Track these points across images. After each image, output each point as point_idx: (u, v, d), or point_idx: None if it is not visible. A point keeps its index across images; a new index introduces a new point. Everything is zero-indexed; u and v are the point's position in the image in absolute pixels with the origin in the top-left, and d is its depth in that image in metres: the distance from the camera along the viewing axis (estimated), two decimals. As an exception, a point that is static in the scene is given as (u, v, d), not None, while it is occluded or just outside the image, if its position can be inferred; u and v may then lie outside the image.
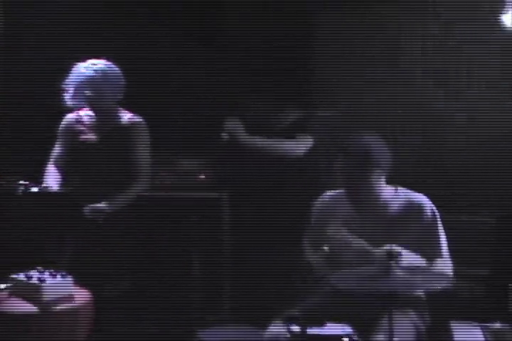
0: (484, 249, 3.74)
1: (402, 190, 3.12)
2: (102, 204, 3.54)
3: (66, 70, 3.67)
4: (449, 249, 3.01)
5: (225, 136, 3.77)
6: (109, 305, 3.54)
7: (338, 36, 4.46)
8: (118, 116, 3.76)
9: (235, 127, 3.83)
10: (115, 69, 3.70)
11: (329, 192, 3.25)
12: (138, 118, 3.76)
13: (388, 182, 3.10)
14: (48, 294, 2.96)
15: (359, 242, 2.97)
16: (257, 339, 2.91)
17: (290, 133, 3.85)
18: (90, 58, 3.70)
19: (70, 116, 3.80)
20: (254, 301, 3.69)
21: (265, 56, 4.12)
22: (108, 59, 3.71)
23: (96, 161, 3.67)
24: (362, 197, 3.06)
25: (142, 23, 4.52)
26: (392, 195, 3.09)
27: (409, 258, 2.83)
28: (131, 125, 3.73)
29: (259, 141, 3.82)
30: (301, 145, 3.85)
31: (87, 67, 3.67)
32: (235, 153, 3.82)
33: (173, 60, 4.45)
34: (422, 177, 3.99)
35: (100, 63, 3.69)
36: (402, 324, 2.78)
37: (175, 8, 4.56)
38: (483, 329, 2.80)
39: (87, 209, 3.52)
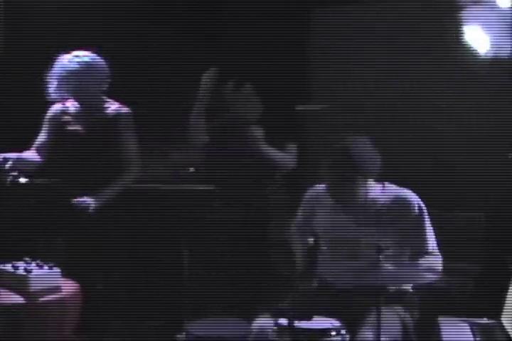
0: (474, 244, 3.74)
1: (389, 185, 3.09)
2: (89, 198, 3.51)
3: (50, 61, 3.64)
4: (439, 244, 3.00)
5: (245, 141, 3.73)
6: (99, 298, 3.53)
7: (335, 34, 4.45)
8: (104, 106, 3.72)
9: (256, 134, 3.77)
10: (99, 60, 3.66)
11: (318, 185, 3.21)
12: (124, 109, 3.73)
13: (376, 179, 3.06)
14: (35, 285, 2.96)
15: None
16: (244, 332, 2.90)
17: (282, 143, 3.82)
18: (76, 49, 3.67)
19: (57, 107, 3.77)
20: (242, 294, 3.68)
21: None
22: (96, 50, 3.67)
23: (82, 152, 3.63)
24: (346, 198, 3.03)
25: (137, 18, 4.51)
26: (379, 192, 3.06)
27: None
28: (118, 115, 3.71)
29: (272, 152, 3.77)
30: (294, 158, 3.84)
31: (70, 60, 3.62)
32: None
33: (165, 53, 4.44)
34: (413, 173, 3.98)
35: (84, 55, 3.63)
36: (390, 318, 2.77)
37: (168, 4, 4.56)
38: (471, 324, 2.79)
39: (75, 201, 3.49)
